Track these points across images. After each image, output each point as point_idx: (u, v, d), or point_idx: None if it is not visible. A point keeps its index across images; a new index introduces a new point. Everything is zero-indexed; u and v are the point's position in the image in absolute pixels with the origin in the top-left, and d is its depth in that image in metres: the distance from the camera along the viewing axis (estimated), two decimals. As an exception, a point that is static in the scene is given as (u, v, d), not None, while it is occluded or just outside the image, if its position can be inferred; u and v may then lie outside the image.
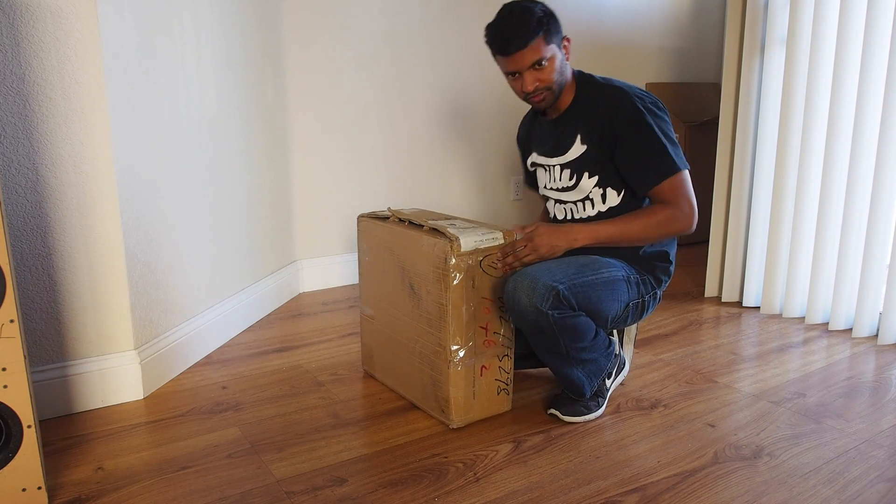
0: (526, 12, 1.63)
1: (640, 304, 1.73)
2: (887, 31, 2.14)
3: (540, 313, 1.52)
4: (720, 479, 1.47)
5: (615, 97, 1.67)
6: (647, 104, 1.65)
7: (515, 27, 1.62)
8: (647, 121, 1.63)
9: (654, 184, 1.64)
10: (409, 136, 3.01)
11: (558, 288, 1.52)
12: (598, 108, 1.69)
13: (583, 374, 1.69)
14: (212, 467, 1.52)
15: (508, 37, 1.63)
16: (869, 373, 2.03)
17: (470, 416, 1.69)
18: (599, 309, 1.62)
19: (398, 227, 1.75)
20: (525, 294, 1.53)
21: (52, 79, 1.60)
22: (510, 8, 1.66)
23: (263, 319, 2.50)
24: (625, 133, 1.64)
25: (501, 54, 1.65)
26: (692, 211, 1.65)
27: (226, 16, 2.21)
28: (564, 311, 1.54)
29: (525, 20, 1.62)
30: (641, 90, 1.70)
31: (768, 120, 2.50)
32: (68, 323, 1.72)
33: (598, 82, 1.74)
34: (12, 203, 1.61)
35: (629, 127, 1.64)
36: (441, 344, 1.64)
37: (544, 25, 1.63)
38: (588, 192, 1.74)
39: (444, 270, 1.58)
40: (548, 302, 1.51)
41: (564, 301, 1.53)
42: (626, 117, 1.64)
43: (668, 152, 1.63)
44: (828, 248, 2.38)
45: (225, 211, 2.26)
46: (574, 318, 1.56)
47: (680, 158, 1.65)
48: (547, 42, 1.64)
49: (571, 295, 1.54)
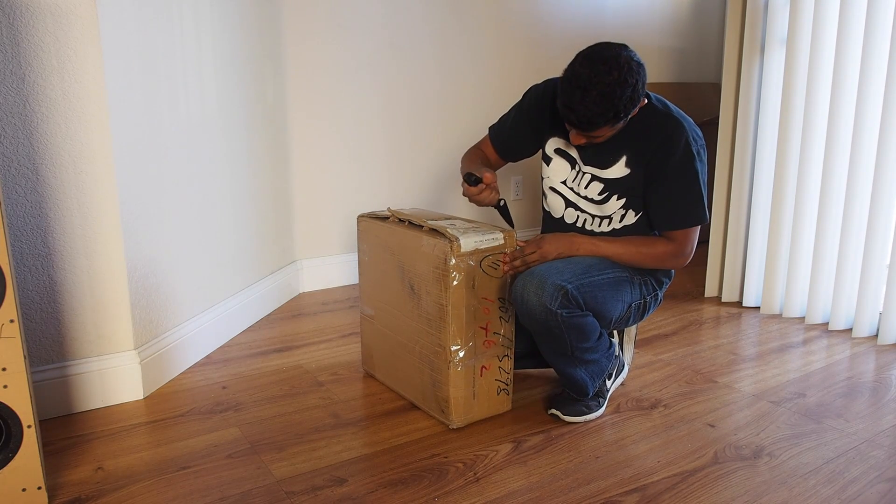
0: (612, 96, 1.44)
1: (641, 304, 1.74)
2: (887, 31, 2.14)
3: (549, 312, 1.52)
4: (720, 479, 1.47)
5: (672, 131, 1.60)
6: (699, 147, 1.63)
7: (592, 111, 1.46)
8: (697, 168, 1.61)
9: (675, 227, 1.66)
10: (410, 135, 3.01)
11: (567, 287, 1.52)
12: (654, 137, 1.61)
13: (586, 375, 1.69)
14: (212, 467, 1.52)
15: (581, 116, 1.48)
16: (869, 373, 2.03)
17: (470, 416, 1.69)
18: (604, 309, 1.62)
19: (398, 227, 1.75)
20: (534, 294, 1.53)
21: (52, 79, 1.60)
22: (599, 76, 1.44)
23: (263, 319, 2.50)
24: (672, 172, 1.61)
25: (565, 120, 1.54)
26: (690, 257, 1.69)
27: (226, 16, 2.21)
28: (573, 310, 1.54)
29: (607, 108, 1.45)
30: (694, 126, 1.64)
31: (768, 120, 2.50)
32: (68, 323, 1.72)
33: (657, 109, 1.63)
34: (12, 203, 1.61)
35: (679, 168, 1.60)
36: (441, 344, 1.64)
37: (624, 114, 1.49)
38: (611, 213, 1.72)
39: (444, 271, 1.58)
40: (556, 301, 1.52)
41: (573, 300, 1.53)
42: (679, 159, 1.60)
43: (702, 204, 1.64)
44: (828, 248, 2.38)
45: (225, 211, 2.25)
46: (582, 318, 1.57)
47: (707, 210, 1.66)
48: (614, 125, 1.52)
49: (579, 294, 1.54)
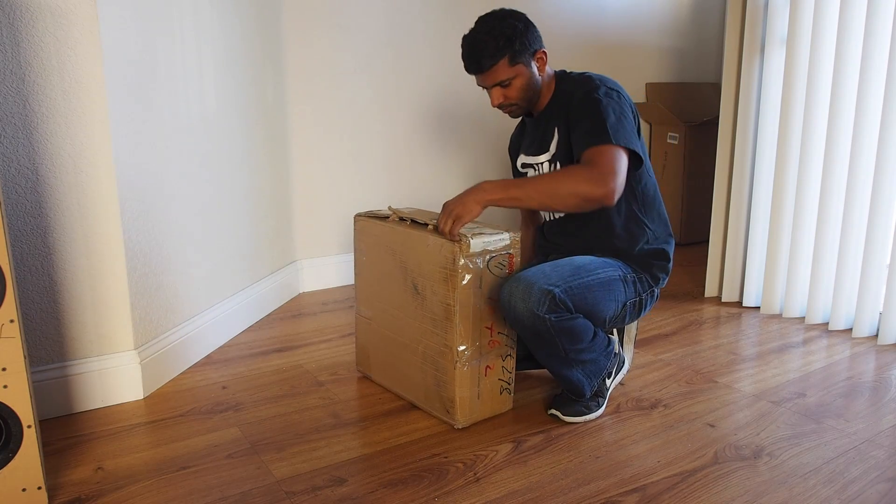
0: (494, 31, 1.63)
1: (637, 302, 1.73)
2: (887, 31, 2.14)
3: (537, 318, 1.51)
4: (720, 479, 1.47)
5: (579, 83, 1.70)
6: (607, 88, 1.66)
7: (481, 48, 1.64)
8: (598, 97, 1.63)
9: (584, 146, 1.58)
10: (409, 136, 3.01)
11: (554, 291, 1.51)
12: (569, 96, 1.71)
13: (582, 375, 1.69)
14: (212, 467, 1.52)
15: (473, 57, 1.66)
16: (869, 373, 2.03)
17: (474, 415, 1.69)
18: (597, 310, 1.62)
19: (400, 226, 1.74)
20: (521, 300, 1.52)
21: (52, 79, 1.60)
22: (481, 24, 1.67)
23: (263, 319, 2.50)
24: (577, 108, 1.66)
25: (469, 72, 1.70)
26: (610, 178, 1.52)
27: (226, 16, 2.21)
28: (561, 314, 1.53)
29: (489, 42, 1.63)
30: (610, 80, 1.71)
31: (768, 120, 2.50)
32: (68, 323, 1.72)
33: (572, 76, 1.76)
34: (12, 203, 1.61)
35: (581, 103, 1.66)
36: (447, 344, 1.63)
37: (510, 47, 1.64)
38: None
39: (451, 271, 1.58)
40: (544, 306, 1.50)
41: (561, 304, 1.52)
42: (581, 95, 1.66)
43: (608, 124, 1.57)
44: (828, 248, 2.38)
45: (225, 211, 2.25)
46: (571, 321, 1.56)
47: (621, 134, 1.57)
48: (512, 63, 1.65)
49: (567, 297, 1.53)
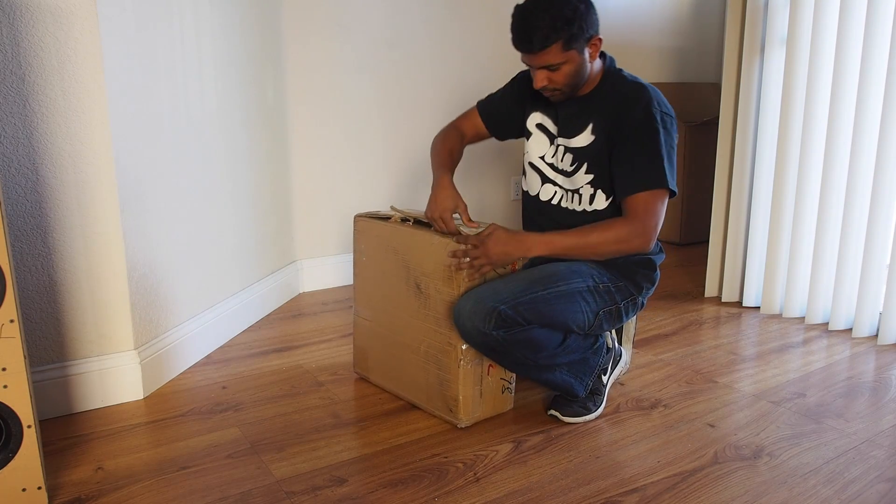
0: (553, 9, 1.50)
1: (614, 310, 1.67)
2: (887, 31, 2.14)
3: (484, 335, 1.51)
4: (720, 479, 1.47)
5: (634, 94, 1.60)
6: (664, 115, 1.59)
7: (535, 26, 1.51)
8: (657, 129, 1.57)
9: (634, 190, 1.57)
10: (409, 136, 3.01)
11: (499, 308, 1.49)
12: (616, 100, 1.61)
13: (569, 375, 1.67)
14: (212, 467, 1.52)
15: (524, 34, 1.53)
16: (869, 373, 2.03)
17: (477, 415, 1.69)
18: (558, 321, 1.57)
19: (403, 226, 1.74)
20: (468, 318, 1.52)
21: (52, 79, 1.60)
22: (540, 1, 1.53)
23: (263, 319, 2.50)
24: (631, 132, 1.58)
25: (516, 48, 1.57)
26: (654, 232, 1.57)
27: (226, 16, 2.21)
28: (510, 328, 1.50)
29: (546, 21, 1.50)
30: (661, 96, 1.63)
31: (768, 120, 2.50)
32: (68, 323, 1.72)
33: (625, 77, 1.66)
34: (12, 203, 1.60)
35: (640, 126, 1.57)
36: (451, 343, 1.63)
37: (567, 30, 1.51)
38: (579, 186, 1.68)
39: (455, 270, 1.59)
40: (490, 323, 1.49)
41: (508, 319, 1.49)
42: (639, 119, 1.57)
43: (663, 166, 1.56)
44: (828, 248, 2.38)
45: (225, 210, 2.25)
46: (526, 332, 1.53)
47: (671, 178, 1.57)
48: (566, 48, 1.53)
49: (515, 313, 1.50)
